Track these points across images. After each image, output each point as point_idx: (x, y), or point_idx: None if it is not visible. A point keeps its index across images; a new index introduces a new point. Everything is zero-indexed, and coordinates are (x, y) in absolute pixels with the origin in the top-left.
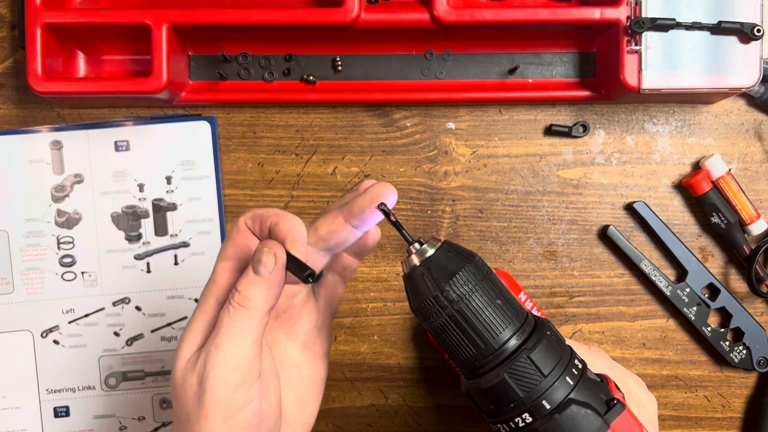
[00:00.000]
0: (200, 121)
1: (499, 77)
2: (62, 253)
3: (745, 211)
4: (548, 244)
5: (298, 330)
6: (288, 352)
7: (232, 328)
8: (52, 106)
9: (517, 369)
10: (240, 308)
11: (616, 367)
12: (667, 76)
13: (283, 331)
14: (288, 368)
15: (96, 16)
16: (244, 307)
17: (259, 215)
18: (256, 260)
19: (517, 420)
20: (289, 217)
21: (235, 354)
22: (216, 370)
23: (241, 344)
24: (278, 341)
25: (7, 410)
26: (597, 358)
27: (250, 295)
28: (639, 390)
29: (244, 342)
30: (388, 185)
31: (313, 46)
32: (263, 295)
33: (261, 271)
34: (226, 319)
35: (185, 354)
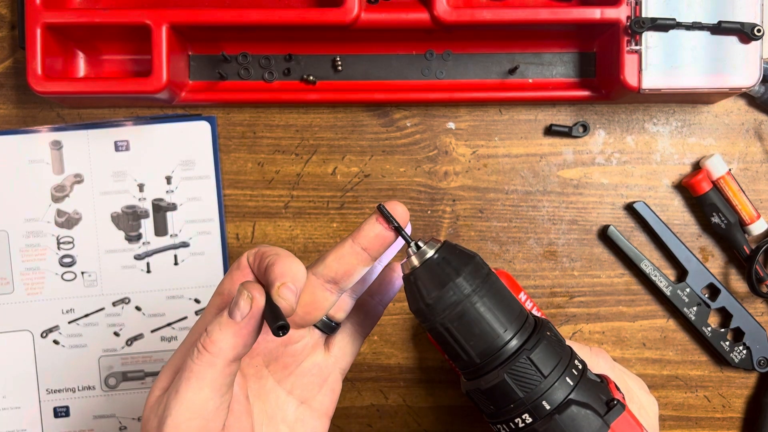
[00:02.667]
0: (200, 121)
1: (499, 77)
2: (62, 253)
3: (746, 211)
4: (548, 244)
5: (297, 382)
6: (280, 405)
7: (192, 372)
8: (52, 106)
9: (518, 370)
10: (204, 352)
11: (617, 368)
12: (667, 76)
13: (276, 380)
14: (278, 425)
15: (96, 16)
16: (208, 351)
17: (262, 252)
18: (234, 302)
19: (517, 420)
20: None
21: (193, 402)
22: (172, 417)
23: (201, 392)
24: (269, 392)
25: (7, 410)
26: (598, 359)
27: (216, 339)
28: (640, 392)
29: (203, 390)
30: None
31: (313, 46)
32: (229, 342)
33: (234, 315)
34: (189, 362)
35: (156, 392)
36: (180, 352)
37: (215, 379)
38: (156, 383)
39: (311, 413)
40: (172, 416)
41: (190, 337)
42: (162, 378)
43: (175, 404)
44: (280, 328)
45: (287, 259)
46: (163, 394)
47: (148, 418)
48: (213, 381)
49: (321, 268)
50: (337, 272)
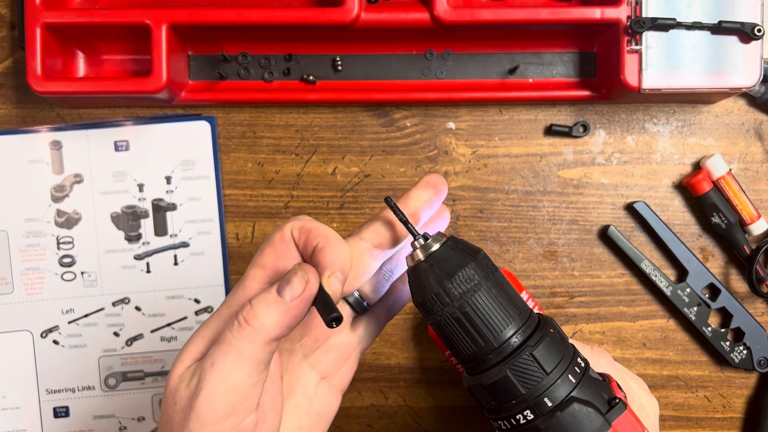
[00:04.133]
0: (200, 121)
1: (500, 77)
2: (62, 253)
3: (746, 211)
4: (548, 244)
5: (322, 358)
6: (302, 379)
7: (231, 346)
8: (52, 106)
9: (520, 366)
10: (245, 326)
11: (618, 368)
12: (667, 76)
13: (304, 354)
14: (298, 398)
15: (96, 16)
16: (249, 326)
17: (308, 229)
18: (285, 280)
19: (518, 417)
20: (338, 245)
21: (231, 377)
22: (206, 390)
23: (239, 368)
24: (295, 365)
25: (7, 410)
26: (600, 359)
27: (260, 314)
28: (640, 392)
29: (241, 366)
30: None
31: (313, 46)
32: (275, 319)
33: (284, 294)
34: (228, 335)
35: (185, 360)
36: (214, 322)
37: (255, 356)
38: (185, 351)
39: (329, 389)
40: (206, 389)
41: (226, 308)
42: (193, 346)
43: (211, 377)
44: (334, 320)
45: (337, 245)
46: (194, 365)
47: (176, 387)
48: (252, 357)
49: (369, 233)
50: (384, 236)
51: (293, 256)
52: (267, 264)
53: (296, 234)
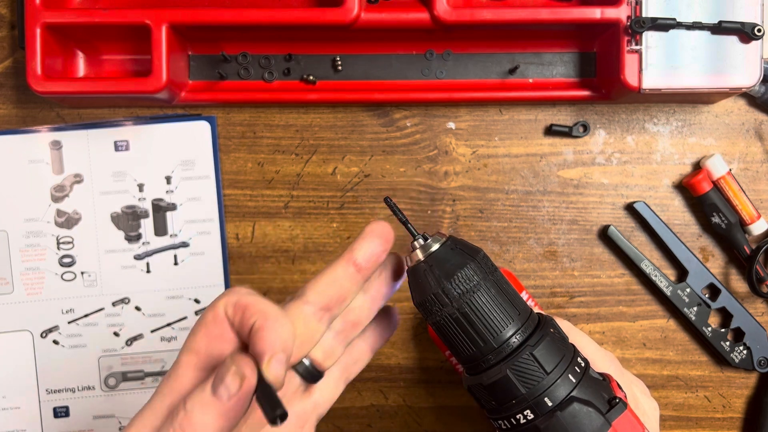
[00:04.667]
0: (200, 121)
1: (500, 77)
2: (62, 253)
3: (746, 211)
4: (548, 244)
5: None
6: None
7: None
8: (52, 105)
9: (520, 365)
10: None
11: (626, 374)
12: (667, 76)
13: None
14: None
15: (96, 16)
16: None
17: (243, 306)
18: (219, 377)
19: (518, 416)
20: (277, 322)
21: None
22: None
23: None
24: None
25: (6, 410)
26: (610, 365)
27: (196, 421)
28: (641, 395)
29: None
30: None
31: (313, 46)
32: (214, 424)
33: (220, 393)
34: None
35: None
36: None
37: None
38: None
39: None
40: None
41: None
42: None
43: None
44: (279, 417)
45: (276, 323)
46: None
47: None
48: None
49: (313, 295)
50: (331, 298)
51: (228, 338)
52: (200, 349)
53: (230, 312)
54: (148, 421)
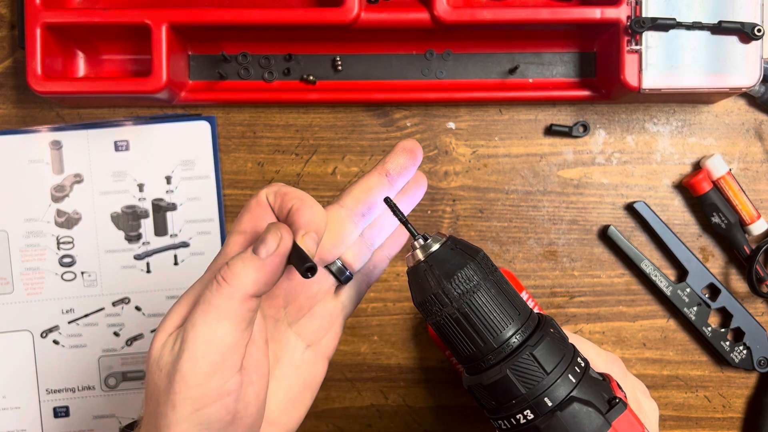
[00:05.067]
0: (200, 121)
1: (500, 77)
2: (62, 253)
3: (746, 211)
4: (548, 244)
5: (307, 326)
6: (289, 347)
7: (211, 305)
8: (52, 105)
9: (520, 365)
10: (224, 284)
11: (630, 377)
12: (667, 76)
13: (289, 322)
14: (284, 366)
15: (96, 16)
16: (228, 284)
17: (283, 194)
18: (260, 239)
19: (518, 416)
20: (312, 207)
21: (212, 336)
22: (189, 351)
23: (219, 326)
24: (281, 334)
25: (7, 410)
26: (613, 367)
27: (237, 272)
28: (641, 396)
29: (222, 323)
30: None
31: (313, 46)
32: (252, 276)
33: (259, 251)
34: (208, 294)
35: (168, 328)
36: (196, 289)
37: (234, 313)
38: (167, 319)
39: (315, 356)
40: (189, 350)
41: (208, 274)
42: (174, 314)
43: (193, 337)
44: (309, 270)
45: (311, 207)
46: (176, 331)
47: (159, 355)
48: (232, 314)
49: (348, 200)
50: (364, 203)
51: (270, 219)
52: (246, 229)
53: (271, 198)
54: (196, 291)
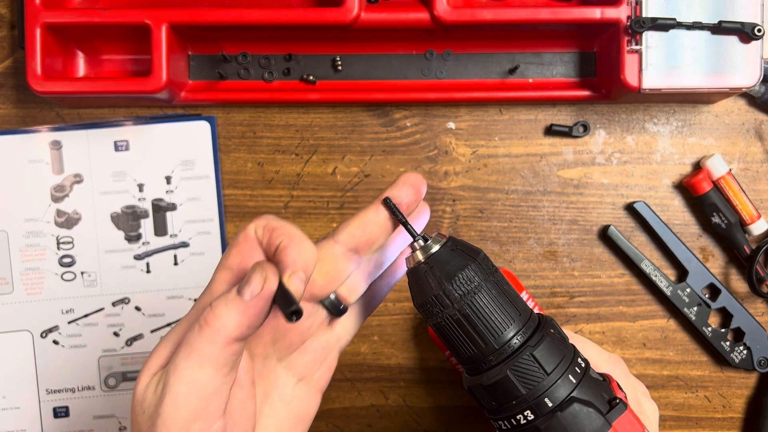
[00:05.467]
0: (200, 121)
1: (500, 77)
2: (62, 253)
3: (746, 211)
4: (548, 244)
5: (298, 360)
6: (279, 383)
7: (193, 348)
8: (52, 105)
9: (520, 366)
10: (206, 327)
11: (632, 379)
12: (667, 76)
13: (279, 357)
14: (275, 402)
15: (96, 16)
16: (209, 327)
17: (271, 228)
18: (245, 280)
19: (518, 417)
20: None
21: (193, 380)
22: (170, 395)
23: (201, 370)
24: (270, 370)
25: (6, 410)
26: (615, 368)
27: (219, 314)
28: (642, 397)
29: (204, 368)
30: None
31: (313, 46)
32: (235, 319)
33: (243, 292)
34: (190, 337)
35: (152, 368)
36: (180, 328)
37: (217, 357)
38: (152, 358)
39: (308, 390)
40: (170, 393)
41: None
42: (159, 353)
43: (174, 381)
44: (293, 313)
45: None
46: (160, 371)
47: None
48: (214, 359)
49: (344, 236)
50: (360, 240)
51: (258, 256)
52: (233, 265)
53: (260, 233)
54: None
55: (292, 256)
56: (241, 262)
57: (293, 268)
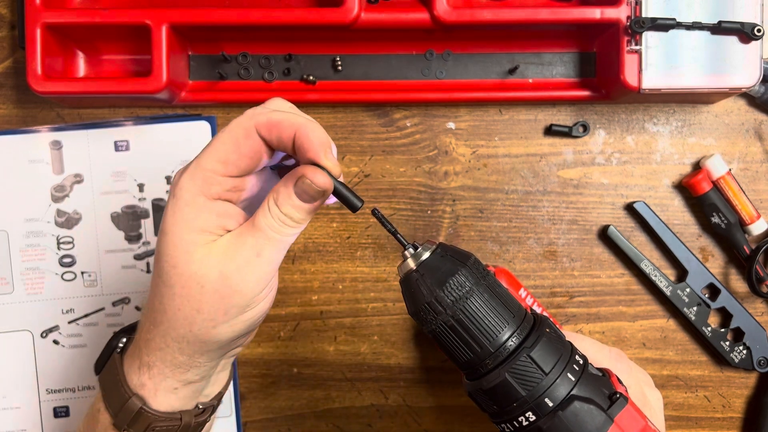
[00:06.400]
0: (200, 121)
1: (500, 77)
2: (62, 253)
3: (746, 211)
4: (548, 244)
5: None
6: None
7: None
8: (52, 105)
9: (519, 368)
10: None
11: (635, 370)
12: (667, 76)
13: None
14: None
15: (96, 16)
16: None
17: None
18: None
19: (520, 419)
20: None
21: (276, 261)
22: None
23: (283, 253)
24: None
25: (7, 410)
26: (618, 364)
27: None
28: (645, 386)
29: (281, 251)
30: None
31: (313, 46)
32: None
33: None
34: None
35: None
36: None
37: (289, 242)
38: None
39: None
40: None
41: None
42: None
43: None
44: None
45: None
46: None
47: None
48: (287, 243)
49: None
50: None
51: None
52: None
53: (263, 132)
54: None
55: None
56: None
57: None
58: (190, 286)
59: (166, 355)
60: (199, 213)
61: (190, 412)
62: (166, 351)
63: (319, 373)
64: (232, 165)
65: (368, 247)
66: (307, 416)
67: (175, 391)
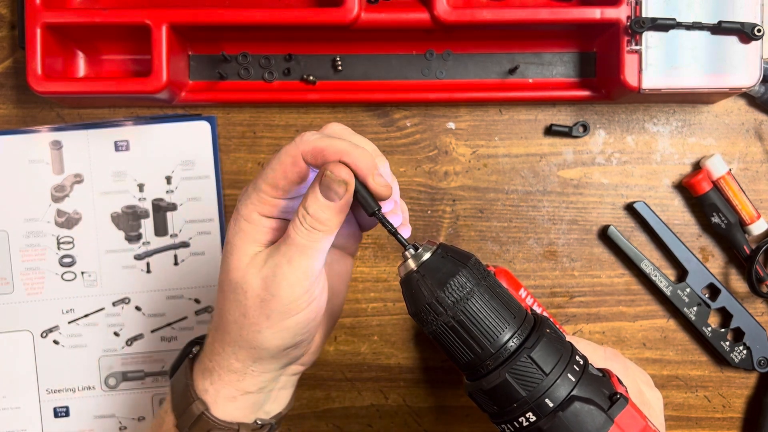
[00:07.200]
0: (200, 121)
1: (500, 77)
2: (62, 253)
3: (746, 211)
4: (548, 244)
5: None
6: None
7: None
8: (52, 105)
9: (519, 369)
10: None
11: (631, 368)
12: (667, 76)
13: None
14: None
15: (96, 16)
16: (317, 230)
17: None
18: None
19: (521, 419)
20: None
21: (309, 268)
22: (287, 280)
23: (315, 260)
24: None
25: (7, 410)
26: (613, 363)
27: (324, 219)
28: (644, 386)
29: (317, 258)
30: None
31: (313, 46)
32: (336, 219)
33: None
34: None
35: (247, 249)
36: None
37: (324, 249)
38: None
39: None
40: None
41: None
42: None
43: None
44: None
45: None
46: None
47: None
48: (322, 249)
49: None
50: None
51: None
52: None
53: (310, 158)
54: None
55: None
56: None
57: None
58: (237, 292)
59: (222, 360)
60: (252, 227)
61: (248, 426)
62: (222, 356)
63: (319, 373)
64: (281, 190)
65: (368, 247)
66: (307, 416)
67: (234, 401)
